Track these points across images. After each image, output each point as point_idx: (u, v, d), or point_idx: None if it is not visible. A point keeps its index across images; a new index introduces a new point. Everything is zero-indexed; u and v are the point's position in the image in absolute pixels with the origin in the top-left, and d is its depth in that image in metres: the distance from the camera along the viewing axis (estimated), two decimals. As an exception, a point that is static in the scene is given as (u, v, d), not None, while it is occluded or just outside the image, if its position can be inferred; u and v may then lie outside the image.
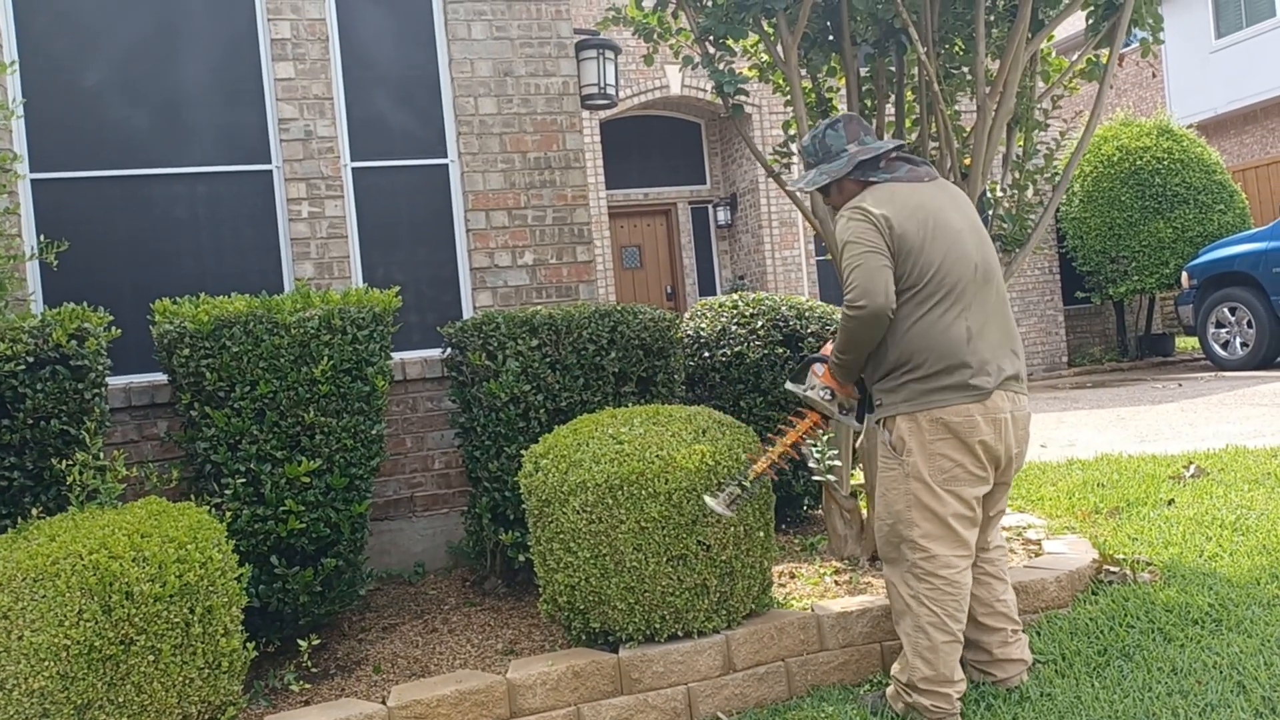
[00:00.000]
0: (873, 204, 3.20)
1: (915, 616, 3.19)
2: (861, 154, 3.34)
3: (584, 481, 3.44)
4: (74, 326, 3.51)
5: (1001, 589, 3.42)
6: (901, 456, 3.20)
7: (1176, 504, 4.95)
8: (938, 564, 3.16)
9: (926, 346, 3.13)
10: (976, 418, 3.12)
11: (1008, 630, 3.38)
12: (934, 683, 3.15)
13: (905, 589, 3.22)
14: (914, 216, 3.16)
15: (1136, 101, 19.65)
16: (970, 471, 3.16)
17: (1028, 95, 4.55)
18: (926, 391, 3.14)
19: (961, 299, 3.15)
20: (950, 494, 3.16)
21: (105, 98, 4.93)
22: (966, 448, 3.14)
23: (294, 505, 3.68)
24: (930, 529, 3.16)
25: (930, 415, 3.14)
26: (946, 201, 3.29)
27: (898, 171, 3.32)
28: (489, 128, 5.40)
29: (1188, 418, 8.06)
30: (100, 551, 2.80)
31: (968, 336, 3.13)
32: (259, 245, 5.10)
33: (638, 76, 13.40)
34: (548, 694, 3.35)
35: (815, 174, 3.42)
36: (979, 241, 3.28)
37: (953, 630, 3.17)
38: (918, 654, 3.17)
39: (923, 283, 3.13)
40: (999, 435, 3.17)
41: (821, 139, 3.44)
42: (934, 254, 3.14)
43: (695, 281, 15.05)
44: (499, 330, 4.26)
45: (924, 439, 3.15)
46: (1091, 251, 13.83)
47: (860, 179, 3.34)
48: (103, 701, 2.75)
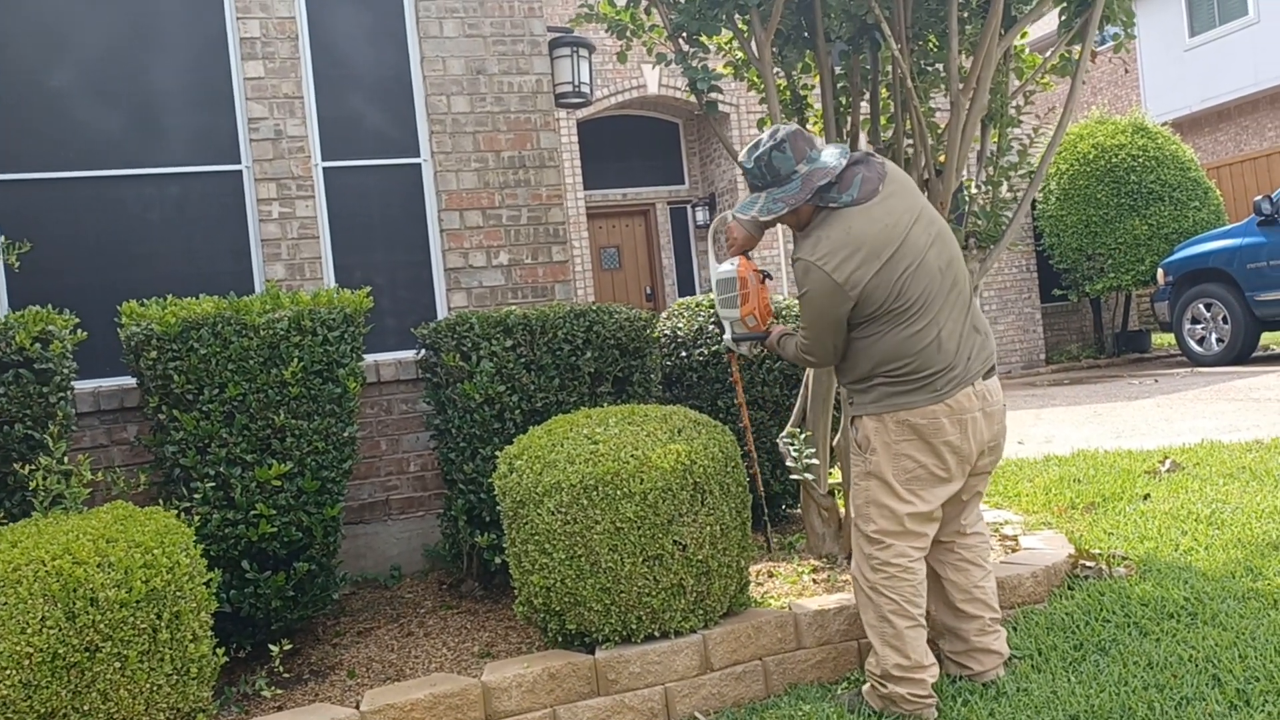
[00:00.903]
0: (829, 255, 3.09)
1: (876, 606, 3.23)
2: (816, 176, 3.18)
3: (559, 482, 3.41)
4: (38, 329, 3.45)
5: (980, 575, 3.42)
6: (866, 455, 3.25)
7: (1152, 499, 4.96)
8: (890, 553, 3.20)
9: (897, 358, 3.15)
10: (942, 420, 3.14)
11: (985, 618, 3.39)
12: (907, 670, 3.17)
13: (864, 580, 3.27)
14: (874, 255, 3.08)
15: (1112, 100, 19.79)
16: (933, 472, 3.19)
17: (1001, 92, 4.55)
18: (894, 394, 3.17)
19: (930, 309, 3.14)
20: (911, 493, 3.19)
21: (72, 97, 4.87)
22: (931, 449, 3.16)
23: (265, 509, 3.64)
24: (885, 525, 3.21)
25: (896, 417, 3.17)
26: (903, 211, 3.17)
27: (851, 188, 3.17)
28: (462, 126, 5.36)
29: (1164, 413, 8.11)
30: (64, 557, 2.74)
31: (938, 344, 3.14)
32: (229, 246, 5.04)
33: (615, 76, 13.38)
34: (523, 696, 3.32)
35: (769, 201, 3.24)
36: (939, 243, 3.21)
37: (914, 615, 3.21)
38: (885, 643, 3.20)
39: (887, 308, 3.12)
40: (965, 435, 3.18)
41: (767, 161, 3.24)
42: (896, 283, 3.10)
43: (675, 282, 15.03)
44: (473, 331, 4.23)
45: (889, 439, 3.19)
46: (1068, 249, 13.91)
47: (817, 204, 3.22)
48: (67, 710, 2.70)
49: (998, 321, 14.42)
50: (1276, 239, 10.87)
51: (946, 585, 3.41)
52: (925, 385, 3.14)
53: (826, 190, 3.20)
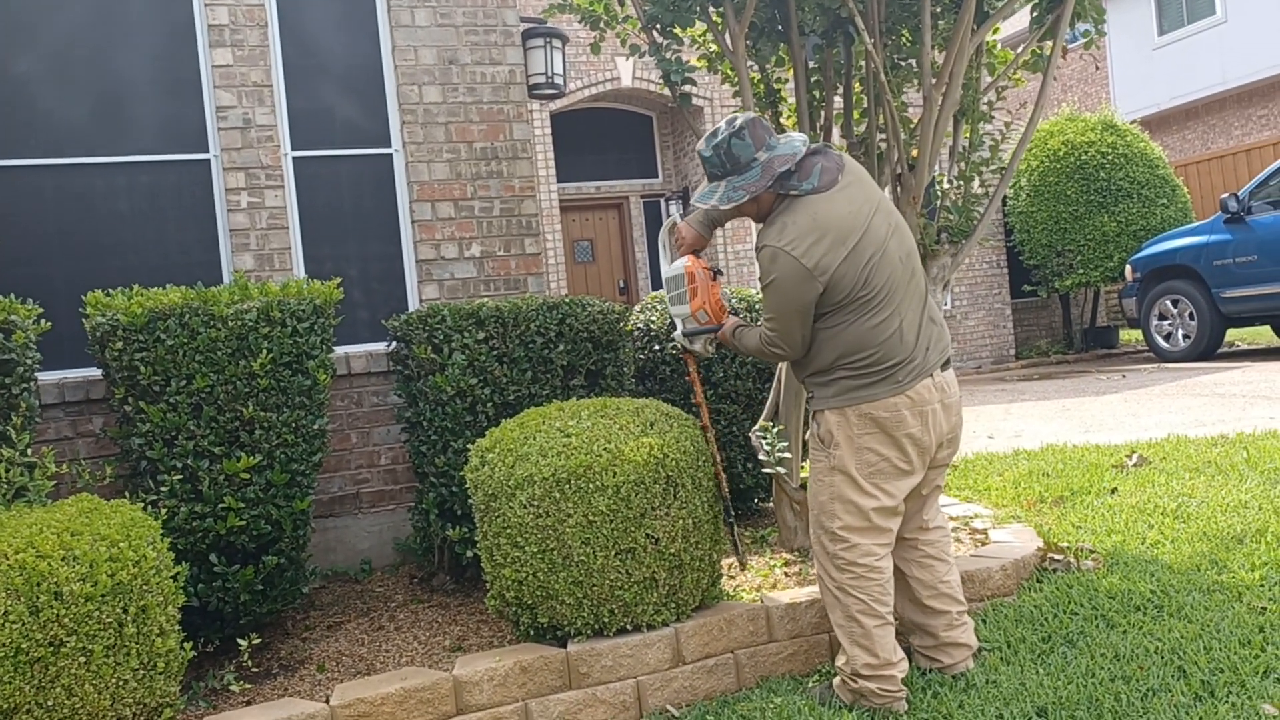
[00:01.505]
0: (796, 241, 3.08)
1: (844, 606, 3.22)
2: (777, 163, 3.17)
3: (531, 475, 3.40)
4: (1, 319, 3.39)
5: (944, 570, 3.43)
6: (829, 449, 3.24)
7: (1119, 492, 5.02)
8: (857, 553, 3.19)
9: (860, 348, 3.14)
10: (904, 412, 3.14)
11: (953, 613, 3.40)
12: (876, 668, 3.18)
13: (830, 580, 3.26)
14: (840, 241, 3.08)
15: (1082, 97, 19.98)
16: (896, 465, 3.19)
17: (974, 87, 4.58)
18: (856, 388, 3.16)
19: (891, 298, 3.14)
20: (875, 487, 3.18)
21: (36, 84, 4.78)
22: (893, 441, 3.16)
23: (233, 502, 3.60)
24: (850, 521, 3.19)
25: (859, 410, 3.16)
26: (863, 201, 3.18)
27: (812, 177, 3.17)
28: (434, 117, 5.32)
29: (1131, 408, 8.20)
30: (27, 550, 2.70)
31: (900, 335, 3.15)
32: (197, 236, 4.98)
33: (588, 68, 13.34)
34: (495, 690, 3.30)
35: (728, 189, 3.23)
36: (898, 234, 3.23)
37: (881, 614, 3.21)
38: (854, 642, 3.20)
39: (853, 297, 3.11)
40: (926, 427, 3.19)
41: (727, 149, 3.22)
42: (863, 270, 3.10)
43: (648, 276, 15.03)
44: (444, 323, 4.20)
45: (851, 433, 3.18)
46: (1038, 245, 14.04)
47: (778, 191, 3.22)
48: (30, 705, 2.66)
49: (968, 317, 14.53)
50: (1242, 236, 11.01)
51: (912, 583, 3.41)
52: (887, 377, 3.14)
53: (787, 178, 3.19)
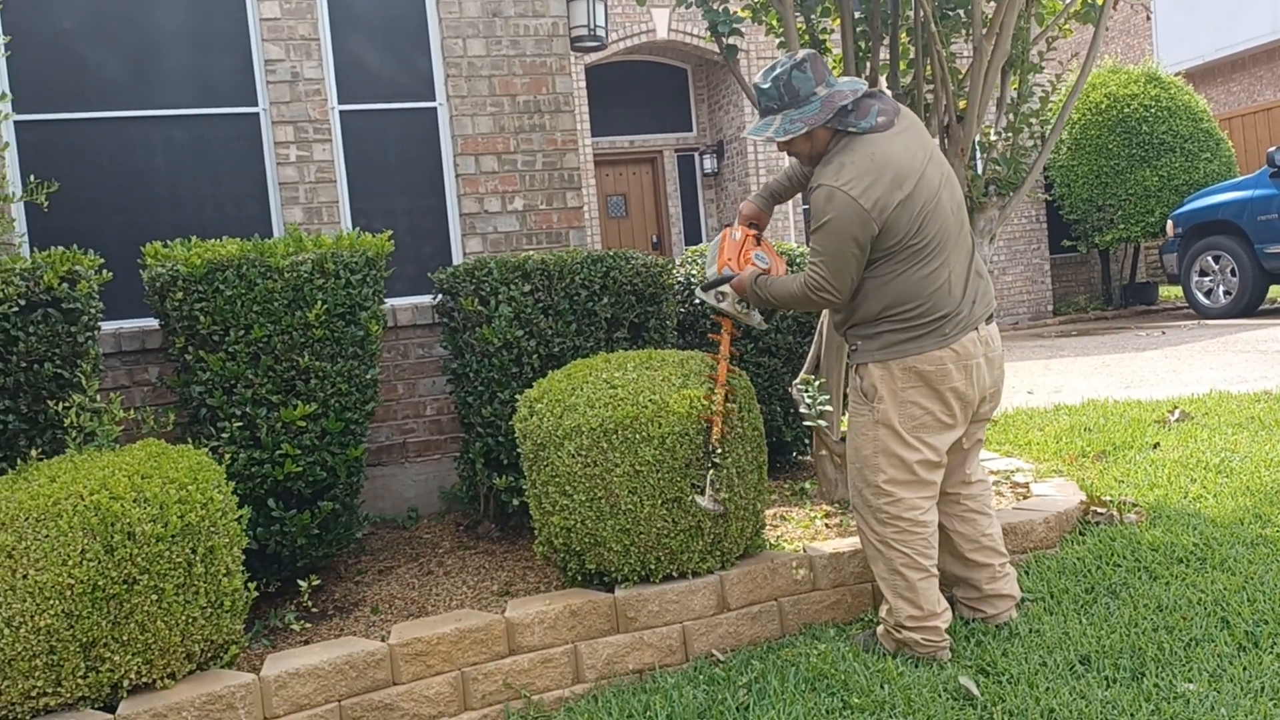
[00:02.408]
0: (854, 180, 3.03)
1: (887, 560, 3.24)
2: (838, 97, 3.13)
3: (579, 425, 3.45)
4: (65, 269, 3.48)
5: (986, 523, 3.45)
6: (872, 403, 3.22)
7: (1162, 447, 5.02)
8: (902, 507, 3.20)
9: (909, 298, 3.11)
10: (949, 365, 3.13)
11: (995, 565, 3.43)
12: (920, 620, 3.22)
13: (872, 534, 3.27)
14: (897, 183, 3.05)
15: (1124, 49, 19.56)
16: (939, 419, 3.18)
17: (1023, 38, 4.52)
18: (902, 341, 3.14)
19: (943, 248, 3.12)
20: (919, 440, 3.18)
21: (90, 38, 4.84)
22: (938, 395, 3.15)
23: (290, 449, 3.69)
24: (895, 474, 3.19)
25: (903, 364, 3.14)
26: (918, 148, 3.16)
27: (869, 117, 3.14)
28: (478, 70, 5.33)
29: (1172, 365, 8.14)
30: (101, 492, 2.80)
31: (948, 286, 3.13)
32: (247, 189, 5.05)
33: (624, 20, 13.22)
34: (545, 632, 3.40)
35: (785, 121, 3.16)
36: (949, 185, 3.22)
37: (925, 566, 3.22)
38: (898, 595, 3.23)
39: (906, 244, 3.08)
40: (970, 381, 3.18)
41: (787, 81, 3.16)
42: (917, 217, 3.07)
43: (681, 230, 15.00)
44: (491, 276, 4.25)
45: (895, 386, 3.16)
46: (1078, 200, 13.86)
47: (836, 127, 3.17)
48: (108, 640, 2.78)
49: (1006, 272, 14.40)
50: (1289, 191, 10.82)
51: (954, 537, 3.42)
52: (933, 330, 3.12)
53: (845, 114, 3.15)
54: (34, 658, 2.72)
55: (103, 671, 2.79)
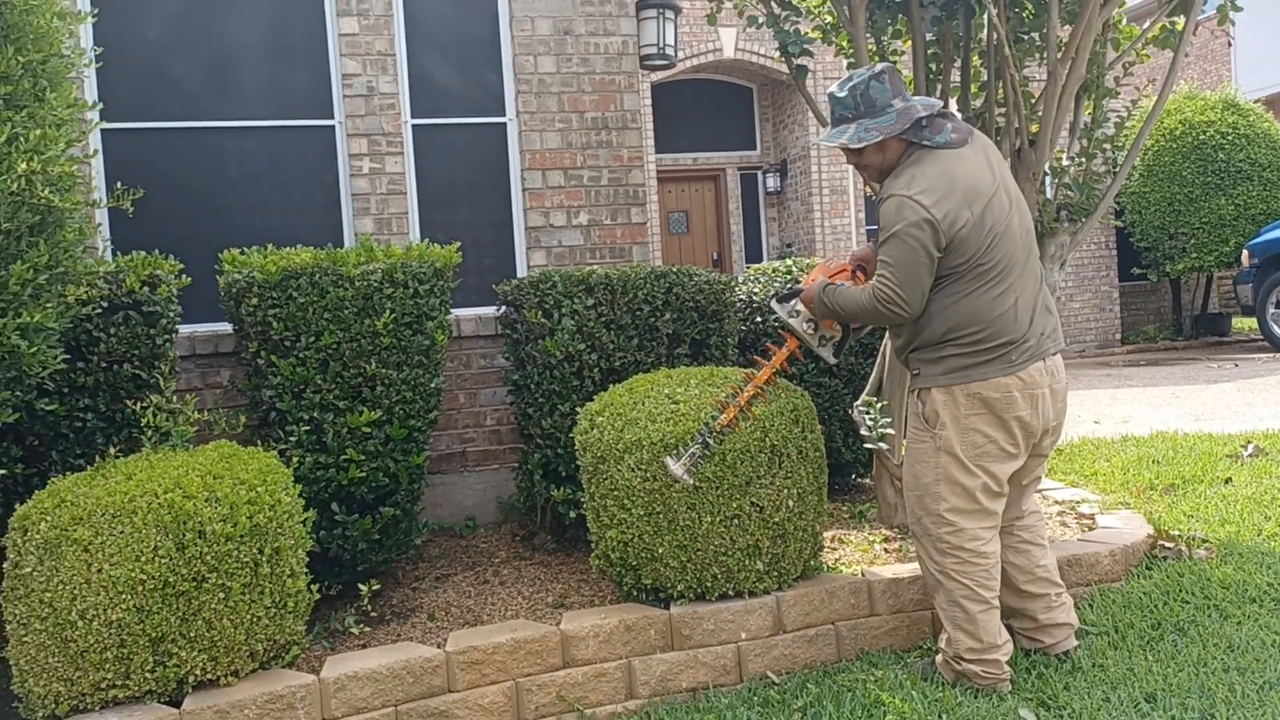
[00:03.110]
0: (927, 191, 3.02)
1: (947, 591, 3.18)
2: (913, 111, 3.13)
3: (639, 439, 3.47)
4: (146, 273, 3.59)
5: (1040, 554, 3.39)
6: (934, 429, 3.16)
7: (1234, 483, 4.89)
8: (964, 537, 3.14)
9: (974, 322, 3.06)
10: (1014, 394, 3.07)
11: (1051, 595, 3.36)
12: (979, 652, 3.16)
13: (933, 564, 3.21)
14: (967, 200, 3.03)
15: (1201, 74, 19.15)
16: (1002, 448, 3.12)
17: (1099, 62, 4.46)
18: (966, 366, 3.09)
19: (1010, 272, 3.08)
20: (980, 469, 3.12)
21: (173, 50, 5.00)
22: (1001, 424, 3.09)
23: (355, 454, 3.76)
24: (957, 503, 3.13)
25: (967, 390, 3.09)
26: (989, 170, 3.15)
27: (943, 134, 3.14)
28: (547, 87, 5.40)
29: (1245, 398, 7.93)
30: (175, 491, 2.88)
31: (1015, 312, 3.08)
32: (320, 199, 5.16)
33: (691, 39, 13.28)
34: (599, 646, 3.40)
35: (858, 129, 3.15)
36: (1020, 210, 3.19)
37: (986, 599, 3.16)
38: (957, 627, 3.17)
39: (974, 264, 3.05)
40: (1035, 411, 3.11)
41: (865, 91, 3.16)
42: (986, 237, 3.04)
43: (742, 249, 14.98)
44: (555, 289, 4.28)
45: (959, 413, 3.10)
46: (1150, 227, 13.58)
47: (910, 140, 3.16)
48: (176, 635, 2.85)
49: (1073, 299, 14.15)
50: (1371, 223, 10.50)
51: (1008, 569, 3.34)
52: (1000, 356, 3.07)
53: (920, 128, 3.14)
54: (105, 650, 2.80)
55: (169, 666, 2.86)
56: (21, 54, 2.85)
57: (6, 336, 2.73)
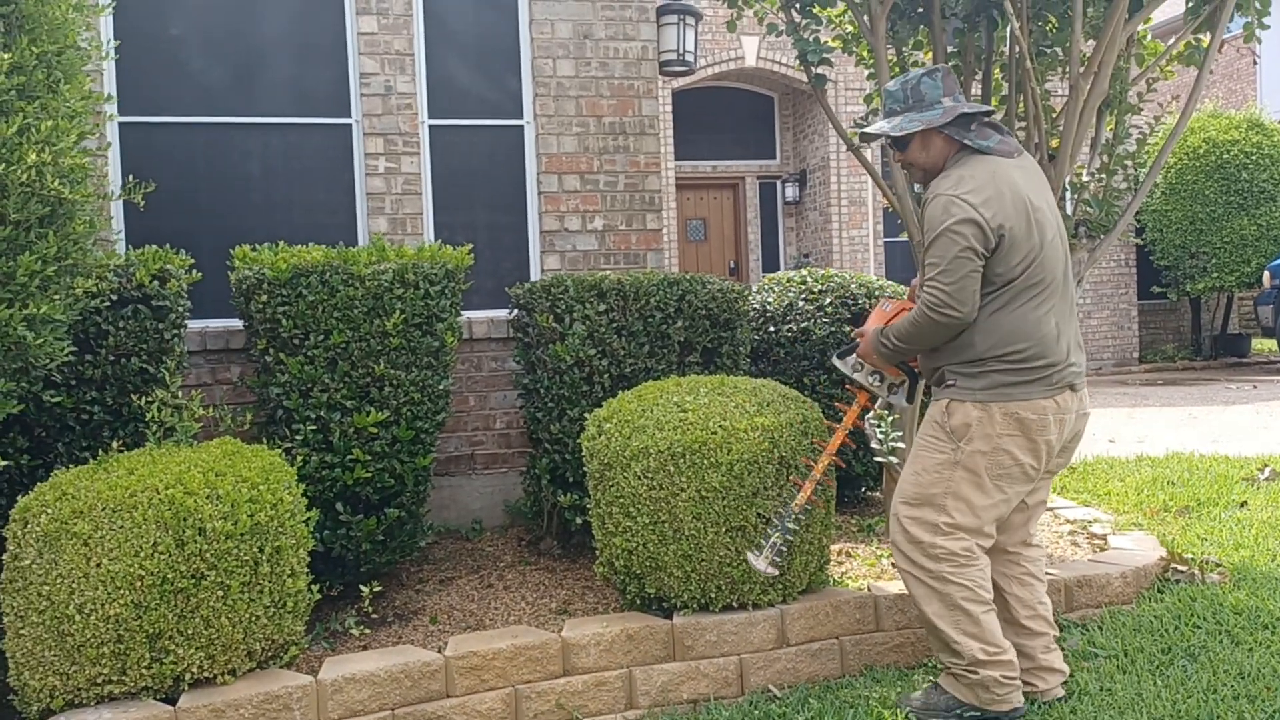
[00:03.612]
0: (974, 191, 2.94)
1: (945, 597, 3.03)
2: (962, 107, 3.07)
3: (646, 447, 3.44)
4: (157, 267, 3.59)
5: (1041, 589, 3.27)
6: (959, 443, 3.04)
7: (1249, 506, 4.82)
8: (959, 545, 3.03)
9: (1019, 338, 2.98)
10: (1049, 416, 3.00)
11: (1050, 635, 3.24)
12: (996, 654, 3.01)
13: (922, 571, 3.07)
14: (1016, 207, 2.96)
15: (1226, 93, 19.01)
16: (1026, 471, 3.04)
17: (1121, 78, 4.42)
18: (1009, 384, 2.99)
19: (1053, 294, 3.02)
20: (998, 489, 3.03)
21: (190, 45, 5.01)
22: (1032, 447, 3.01)
23: (361, 454, 3.74)
24: (961, 520, 3.04)
25: (1006, 409, 2.99)
26: (1036, 186, 3.10)
27: (990, 140, 3.07)
28: (566, 90, 5.39)
29: (1263, 420, 7.84)
30: (176, 487, 2.86)
31: (1057, 333, 3.01)
32: (335, 198, 5.15)
33: (713, 47, 13.26)
34: (601, 654, 3.37)
35: (903, 120, 3.11)
36: (1062, 234, 3.14)
37: (987, 600, 3.04)
38: (963, 632, 3.01)
39: (1021, 275, 2.97)
40: (1062, 434, 3.06)
41: (916, 85, 3.14)
42: (1034, 247, 2.97)
43: (759, 257, 14.94)
44: (567, 293, 4.26)
45: (992, 431, 3.00)
46: (1170, 245, 13.47)
47: (955, 137, 3.09)
48: (173, 632, 2.83)
49: (1091, 316, 14.05)
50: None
51: (1011, 601, 3.22)
52: (1042, 378, 2.99)
53: (966, 125, 3.08)
54: (102, 645, 2.78)
55: (166, 663, 2.85)
56: (36, 45, 2.84)
57: (13, 327, 2.72)
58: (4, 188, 2.70)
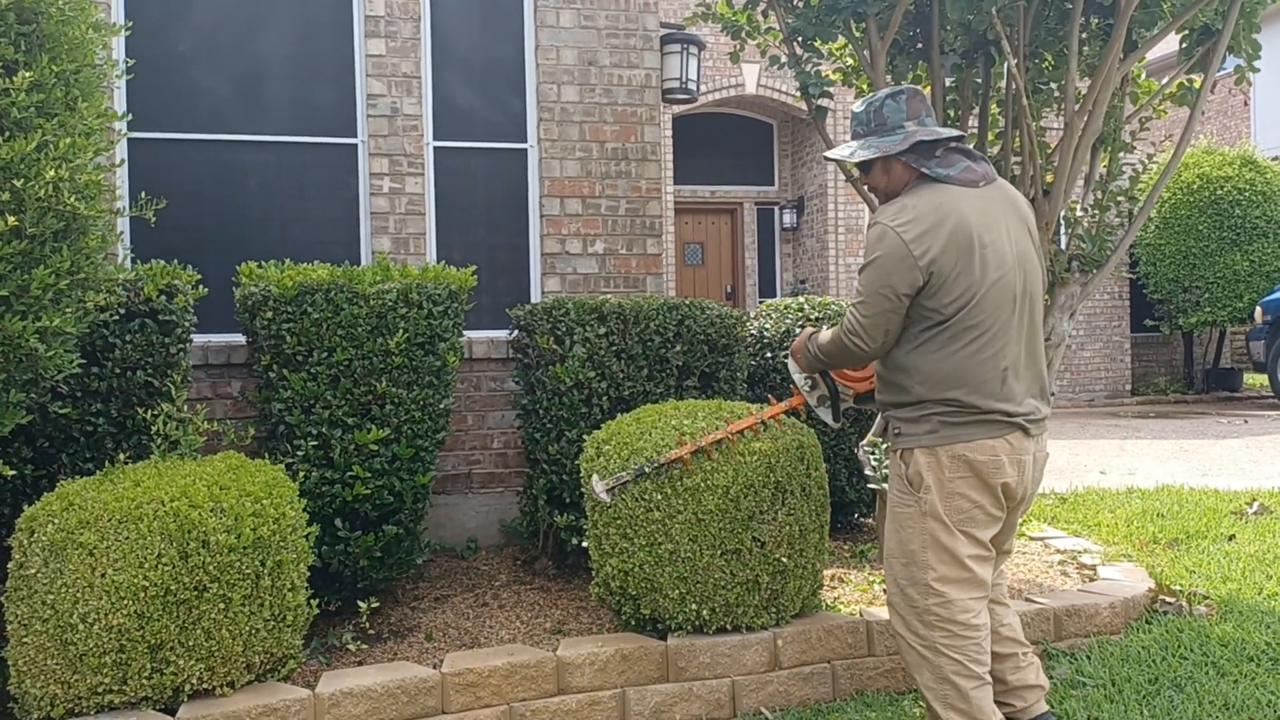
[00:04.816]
0: (911, 224, 2.84)
1: (935, 668, 2.89)
2: (921, 134, 2.95)
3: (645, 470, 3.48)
4: (164, 282, 3.64)
5: (1004, 613, 3.15)
6: (919, 494, 2.91)
7: (1237, 540, 4.87)
8: (954, 609, 2.87)
9: (957, 383, 2.84)
10: (1001, 457, 2.85)
11: (1019, 654, 3.12)
12: None
13: (916, 639, 2.93)
14: (956, 241, 2.82)
15: (1220, 130, 19.21)
16: (988, 513, 2.90)
17: (1116, 116, 4.50)
18: (952, 425, 2.86)
19: (1000, 336, 2.85)
20: (967, 535, 2.89)
21: (201, 64, 5.08)
22: (988, 488, 2.86)
23: (361, 471, 3.78)
24: (946, 572, 2.87)
25: (952, 451, 2.85)
26: (999, 215, 2.93)
27: (953, 168, 2.94)
28: (569, 116, 5.47)
29: (1253, 455, 7.90)
30: (181, 500, 2.90)
31: (1003, 377, 2.85)
32: (339, 216, 5.21)
33: (713, 73, 13.39)
34: (595, 674, 3.40)
35: (862, 145, 3.01)
36: (1026, 264, 2.96)
37: (979, 674, 2.88)
38: (949, 707, 2.87)
39: (956, 315, 2.83)
40: (1021, 476, 2.91)
41: (879, 109, 3.02)
42: (971, 285, 2.82)
43: (756, 283, 15.03)
44: (568, 316, 4.32)
45: (943, 475, 2.86)
46: (1164, 279, 13.59)
47: (912, 164, 2.96)
48: (174, 644, 2.86)
49: (1084, 348, 14.14)
50: (1387, 285, 10.49)
51: None
52: (987, 420, 2.85)
53: (927, 154, 2.95)
54: (104, 654, 2.81)
55: (166, 674, 2.88)
56: (56, 63, 2.90)
57: (25, 339, 2.77)
58: (21, 202, 2.76)
